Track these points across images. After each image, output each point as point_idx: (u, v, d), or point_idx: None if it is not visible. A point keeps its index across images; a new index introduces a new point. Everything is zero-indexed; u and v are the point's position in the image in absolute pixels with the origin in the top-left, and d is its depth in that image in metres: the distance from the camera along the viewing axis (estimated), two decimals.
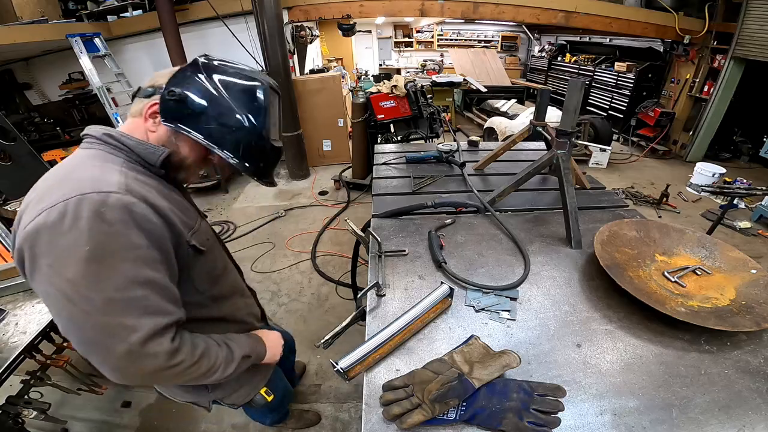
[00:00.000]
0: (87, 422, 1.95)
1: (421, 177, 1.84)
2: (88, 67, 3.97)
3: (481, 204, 1.49)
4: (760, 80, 4.85)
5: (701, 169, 4.44)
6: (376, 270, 1.13)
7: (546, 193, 1.73)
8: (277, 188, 4.76)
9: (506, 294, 1.06)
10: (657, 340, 0.91)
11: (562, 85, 8.06)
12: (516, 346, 0.90)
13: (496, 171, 1.92)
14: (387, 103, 3.85)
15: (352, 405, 1.99)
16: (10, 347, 1.24)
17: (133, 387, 1.35)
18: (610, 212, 1.54)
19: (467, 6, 5.12)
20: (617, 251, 1.16)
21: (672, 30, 5.20)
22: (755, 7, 4.39)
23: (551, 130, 1.51)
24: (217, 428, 1.91)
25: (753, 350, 0.89)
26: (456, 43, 10.41)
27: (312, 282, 2.98)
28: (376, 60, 11.09)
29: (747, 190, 3.14)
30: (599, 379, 0.82)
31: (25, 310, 1.40)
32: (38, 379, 1.45)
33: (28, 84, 5.11)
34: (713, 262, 1.15)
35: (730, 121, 5.24)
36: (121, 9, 4.65)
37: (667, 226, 1.27)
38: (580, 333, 0.94)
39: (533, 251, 1.27)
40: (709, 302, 1.00)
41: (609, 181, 4.66)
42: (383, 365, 0.86)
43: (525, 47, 10.52)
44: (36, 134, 4.68)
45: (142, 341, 0.64)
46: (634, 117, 6.04)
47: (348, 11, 5.07)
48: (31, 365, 1.39)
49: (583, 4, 5.12)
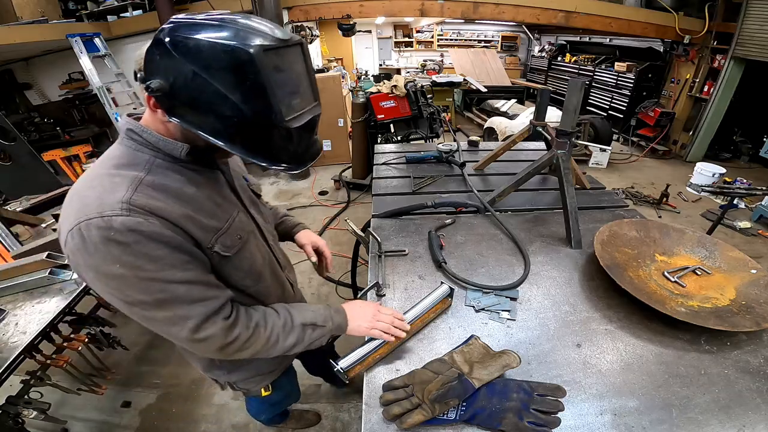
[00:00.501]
0: (87, 422, 1.95)
1: (421, 177, 1.84)
2: (88, 67, 3.97)
3: (481, 204, 1.49)
4: (760, 80, 4.85)
5: (701, 169, 4.43)
6: (376, 270, 1.13)
7: (546, 193, 1.73)
8: (277, 188, 4.76)
9: (506, 294, 1.06)
10: (657, 340, 0.91)
11: (562, 85, 8.05)
12: (516, 346, 0.90)
13: (496, 171, 1.92)
14: (387, 103, 3.84)
15: (352, 405, 1.99)
16: (10, 347, 1.23)
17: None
18: (610, 212, 1.54)
19: (467, 6, 5.12)
20: (617, 251, 1.16)
21: (672, 30, 5.20)
22: (755, 7, 4.39)
23: (551, 130, 1.51)
24: (216, 428, 1.91)
25: (753, 350, 0.89)
26: (456, 43, 10.41)
27: (312, 282, 2.97)
28: (376, 60, 11.08)
29: (747, 190, 3.15)
30: (599, 379, 0.82)
31: (25, 310, 1.40)
32: (38, 379, 1.45)
33: (28, 84, 5.11)
34: (713, 262, 1.15)
35: (730, 121, 5.23)
36: (121, 9, 4.65)
37: (667, 226, 1.27)
38: (580, 333, 0.94)
39: (533, 251, 1.27)
40: (709, 302, 1.00)
41: (609, 181, 4.66)
42: (383, 365, 0.86)
43: (525, 47, 10.52)
44: (36, 134, 4.67)
45: (196, 326, 0.70)
46: (634, 117, 6.04)
47: (348, 11, 5.07)
48: (31, 365, 1.39)
49: (583, 4, 5.11)
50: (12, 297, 1.47)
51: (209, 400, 2.05)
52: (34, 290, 1.49)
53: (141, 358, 2.34)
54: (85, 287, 1.52)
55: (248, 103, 0.61)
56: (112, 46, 4.42)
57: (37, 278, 1.49)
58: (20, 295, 1.48)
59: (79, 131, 4.89)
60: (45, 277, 1.49)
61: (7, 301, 1.45)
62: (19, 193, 2.50)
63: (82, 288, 1.51)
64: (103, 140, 5.18)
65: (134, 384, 2.15)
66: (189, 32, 0.59)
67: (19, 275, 1.50)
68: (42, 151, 4.24)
